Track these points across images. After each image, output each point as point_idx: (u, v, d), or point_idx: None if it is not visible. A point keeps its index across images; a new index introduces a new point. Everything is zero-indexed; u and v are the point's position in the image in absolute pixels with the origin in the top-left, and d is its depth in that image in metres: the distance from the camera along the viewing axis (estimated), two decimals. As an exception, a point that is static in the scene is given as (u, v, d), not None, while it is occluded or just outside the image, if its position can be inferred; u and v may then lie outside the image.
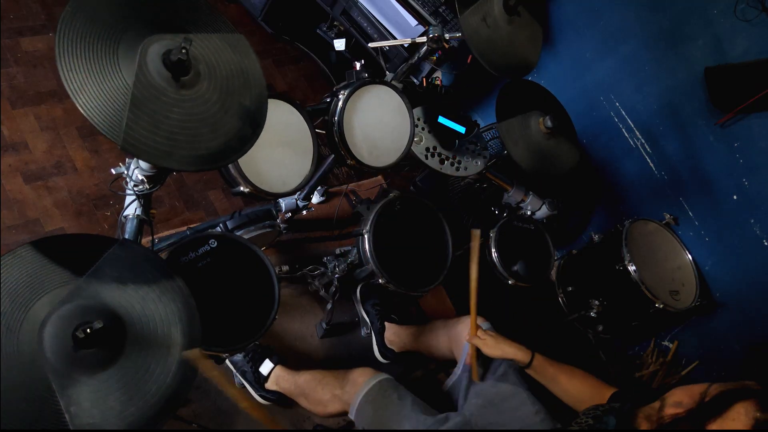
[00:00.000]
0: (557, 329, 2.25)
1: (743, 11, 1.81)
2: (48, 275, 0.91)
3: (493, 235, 1.84)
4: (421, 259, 1.74)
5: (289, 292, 2.02)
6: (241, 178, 1.32)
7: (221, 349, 1.30)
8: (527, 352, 1.43)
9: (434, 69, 2.59)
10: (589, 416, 1.08)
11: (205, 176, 2.22)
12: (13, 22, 2.12)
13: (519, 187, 2.00)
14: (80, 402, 0.84)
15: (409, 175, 2.68)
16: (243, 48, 1.15)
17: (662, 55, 2.09)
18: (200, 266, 1.34)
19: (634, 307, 1.99)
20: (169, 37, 1.02)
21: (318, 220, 2.23)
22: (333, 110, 1.52)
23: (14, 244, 1.76)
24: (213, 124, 1.05)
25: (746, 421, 0.77)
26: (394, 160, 1.62)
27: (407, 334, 1.93)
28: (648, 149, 2.26)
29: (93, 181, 1.98)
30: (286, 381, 1.70)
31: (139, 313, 0.95)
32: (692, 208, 2.17)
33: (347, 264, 1.73)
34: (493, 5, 1.61)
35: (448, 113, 1.83)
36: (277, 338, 1.90)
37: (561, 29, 2.43)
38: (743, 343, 2.08)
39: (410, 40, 1.77)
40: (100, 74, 0.93)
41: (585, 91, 2.40)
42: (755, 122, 1.88)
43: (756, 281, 2.01)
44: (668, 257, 2.11)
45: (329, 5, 2.50)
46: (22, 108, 1.98)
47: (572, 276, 2.23)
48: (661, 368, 2.27)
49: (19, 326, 0.85)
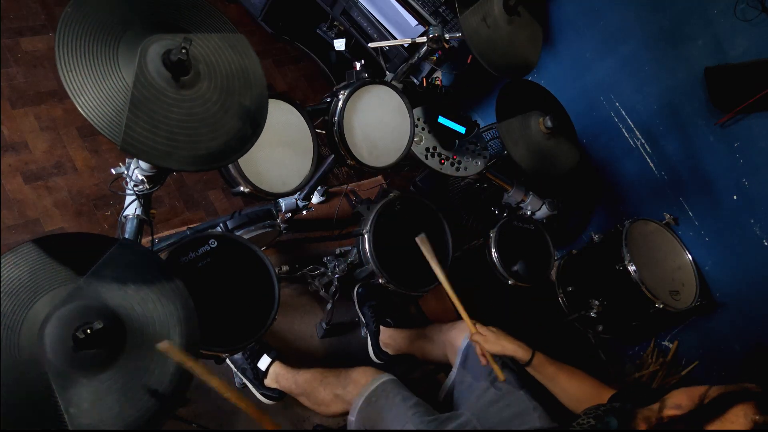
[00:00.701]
0: (557, 329, 2.25)
1: (743, 11, 1.81)
2: (48, 275, 0.90)
3: (493, 235, 1.85)
4: (421, 259, 1.74)
5: (289, 292, 2.02)
6: (241, 178, 1.32)
7: (221, 349, 1.30)
8: (528, 350, 1.42)
9: (434, 69, 2.59)
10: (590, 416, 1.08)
11: (205, 176, 2.22)
12: (13, 22, 2.12)
13: (519, 187, 2.00)
14: (80, 402, 0.84)
15: (409, 175, 2.68)
16: (243, 48, 1.14)
17: (662, 55, 2.09)
18: (200, 266, 1.34)
19: (634, 307, 1.99)
20: (169, 37, 1.02)
21: (318, 220, 2.23)
22: (333, 110, 1.52)
23: (14, 244, 1.75)
24: (213, 124, 1.05)
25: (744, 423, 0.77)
26: (394, 160, 1.62)
27: (402, 338, 1.93)
28: (648, 149, 2.26)
29: (93, 181, 1.98)
30: (286, 379, 1.70)
31: (139, 314, 0.95)
32: (692, 208, 2.17)
33: (347, 264, 1.73)
34: (493, 5, 1.61)
35: (448, 113, 1.83)
36: (277, 338, 1.90)
37: (561, 29, 2.43)
38: (743, 343, 2.08)
39: (410, 40, 1.77)
40: (100, 74, 0.93)
41: (585, 91, 2.40)
42: (755, 122, 1.88)
43: (756, 281, 2.01)
44: (668, 257, 2.11)
45: (329, 5, 2.50)
46: (22, 108, 1.98)
47: (572, 276, 2.23)
48: (661, 368, 2.27)
49: (19, 326, 0.85)
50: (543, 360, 1.42)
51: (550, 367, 1.40)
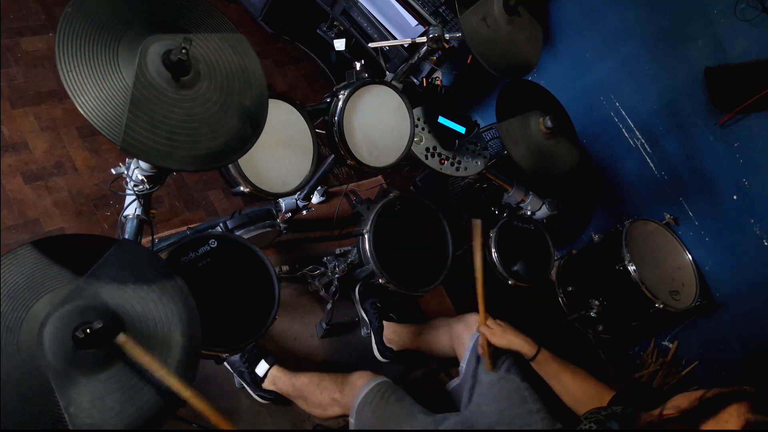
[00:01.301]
0: (557, 329, 2.25)
1: (743, 11, 1.81)
2: (48, 275, 0.90)
3: (493, 235, 1.85)
4: (421, 259, 1.74)
5: (289, 292, 2.02)
6: (241, 178, 1.32)
7: (221, 349, 1.30)
8: (533, 345, 1.43)
9: (434, 69, 2.59)
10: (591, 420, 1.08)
11: (205, 176, 2.22)
12: (13, 22, 2.12)
13: (519, 187, 2.00)
14: (80, 402, 0.84)
15: (409, 175, 2.68)
16: (243, 48, 1.14)
17: (662, 55, 2.09)
18: (200, 266, 1.34)
19: (634, 307, 1.99)
20: (169, 37, 1.02)
21: (318, 220, 2.23)
22: (333, 110, 1.52)
23: (14, 244, 1.76)
24: (213, 124, 1.05)
25: (738, 422, 0.78)
26: (394, 160, 1.62)
27: (407, 333, 1.92)
28: (648, 149, 2.26)
29: (93, 181, 1.98)
30: (283, 383, 1.70)
31: (139, 313, 0.95)
32: (692, 208, 2.17)
33: (347, 264, 1.73)
34: (493, 5, 1.61)
35: (448, 113, 1.83)
36: (277, 338, 1.90)
37: (561, 29, 2.43)
38: (743, 343, 2.08)
39: (410, 40, 1.77)
40: (100, 74, 0.93)
41: (585, 91, 2.40)
42: (755, 122, 1.88)
43: (756, 281, 2.01)
44: (668, 257, 2.11)
45: (329, 5, 2.50)
46: (22, 108, 1.98)
47: (572, 276, 2.23)
48: (661, 368, 2.27)
49: (19, 326, 0.85)
50: (548, 357, 1.43)
51: (554, 364, 1.41)
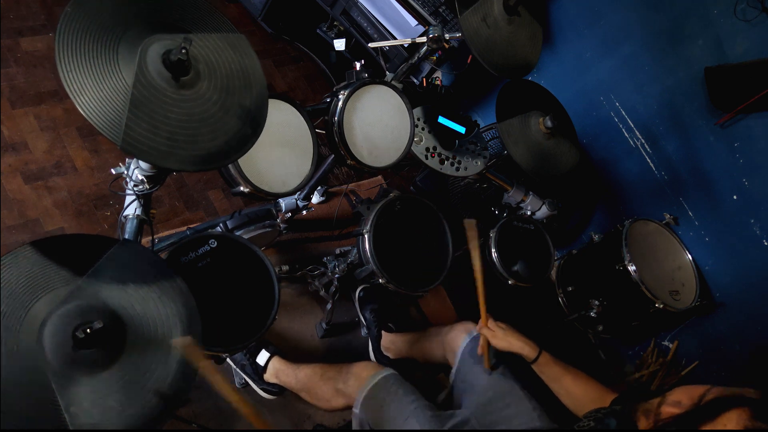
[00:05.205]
0: (557, 329, 2.25)
1: (743, 11, 1.81)
2: (48, 275, 0.90)
3: (493, 235, 1.85)
4: (421, 259, 1.74)
5: (289, 292, 2.02)
6: (241, 178, 1.32)
7: (222, 349, 1.30)
8: (535, 348, 1.43)
9: (434, 69, 2.58)
10: (590, 419, 1.08)
11: (205, 176, 2.22)
12: (13, 22, 2.12)
13: (519, 187, 2.00)
14: (80, 402, 0.84)
15: (409, 175, 2.68)
16: (243, 48, 1.14)
17: (662, 55, 2.09)
18: (200, 266, 1.34)
19: (634, 307, 1.99)
20: (169, 37, 1.02)
21: (318, 220, 2.23)
22: (333, 110, 1.52)
23: (14, 244, 1.76)
24: (213, 124, 1.05)
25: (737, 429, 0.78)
26: (394, 160, 1.62)
27: (403, 342, 1.93)
28: (648, 149, 2.26)
29: (93, 181, 1.98)
30: (286, 375, 1.70)
31: (139, 313, 0.95)
32: (692, 208, 2.17)
33: (347, 264, 1.73)
34: (493, 5, 1.61)
35: (448, 113, 1.83)
36: (278, 338, 1.90)
37: (561, 29, 2.43)
38: (743, 343, 2.08)
39: (410, 40, 1.77)
40: (100, 74, 0.93)
41: (585, 91, 2.40)
42: (755, 122, 1.88)
43: (756, 281, 2.01)
44: (668, 257, 2.11)
45: (329, 5, 2.50)
46: (22, 108, 1.98)
47: (572, 276, 2.23)
48: (661, 368, 2.27)
49: (19, 326, 0.85)
50: (549, 359, 1.42)
51: (555, 367, 1.41)
